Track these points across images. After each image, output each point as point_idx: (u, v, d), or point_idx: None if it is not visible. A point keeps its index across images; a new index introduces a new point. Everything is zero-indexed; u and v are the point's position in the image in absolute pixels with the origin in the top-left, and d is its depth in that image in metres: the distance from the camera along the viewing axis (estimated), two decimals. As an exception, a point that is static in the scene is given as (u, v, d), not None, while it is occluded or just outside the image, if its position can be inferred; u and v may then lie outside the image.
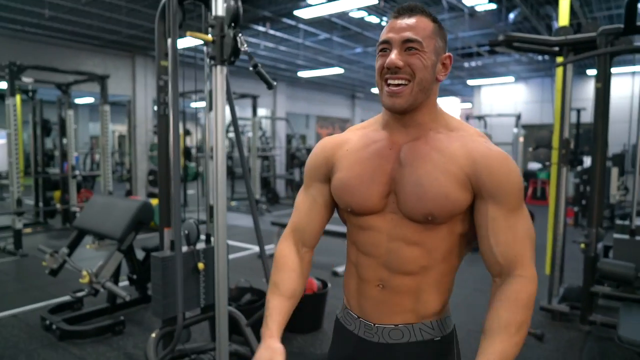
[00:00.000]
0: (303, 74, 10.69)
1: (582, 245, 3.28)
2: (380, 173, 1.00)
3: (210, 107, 2.27)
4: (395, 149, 1.00)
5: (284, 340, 1.01)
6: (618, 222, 3.74)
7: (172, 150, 2.18)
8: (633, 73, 9.12)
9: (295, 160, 11.20)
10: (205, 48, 2.26)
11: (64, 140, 6.67)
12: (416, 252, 0.98)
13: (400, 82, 0.94)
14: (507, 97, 12.11)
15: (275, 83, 2.38)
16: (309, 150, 12.02)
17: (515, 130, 11.13)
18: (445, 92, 14.77)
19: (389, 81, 0.96)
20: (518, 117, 11.17)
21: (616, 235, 3.42)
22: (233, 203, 9.68)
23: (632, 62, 8.24)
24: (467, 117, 12.78)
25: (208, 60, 2.25)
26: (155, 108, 2.54)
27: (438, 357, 1.03)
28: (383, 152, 1.01)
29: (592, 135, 3.32)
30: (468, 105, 15.59)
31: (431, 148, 0.97)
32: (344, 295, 1.14)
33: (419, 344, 1.02)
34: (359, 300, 1.07)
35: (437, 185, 0.94)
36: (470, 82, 12.04)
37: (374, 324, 1.04)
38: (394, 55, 0.94)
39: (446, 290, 1.04)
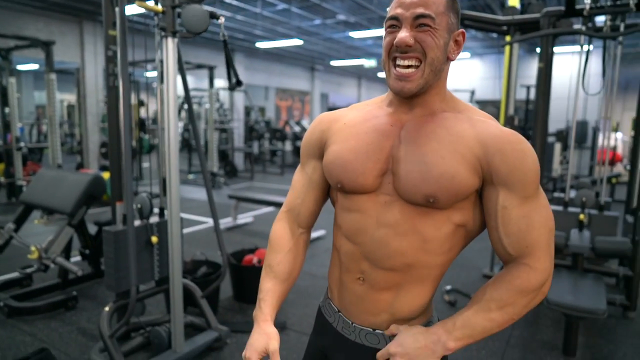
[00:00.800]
0: (261, 45, 10.48)
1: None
2: (377, 149, 0.92)
3: (162, 79, 2.23)
4: (397, 125, 0.93)
5: (240, 310, 1.04)
6: (555, 194, 4.00)
7: (123, 122, 2.14)
8: (577, 52, 9.53)
9: (253, 132, 11.10)
10: (155, 18, 2.20)
11: (6, 110, 6.30)
12: (405, 243, 0.90)
13: (410, 62, 0.86)
14: (462, 73, 12.40)
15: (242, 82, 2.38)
16: (267, 123, 11.93)
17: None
18: (404, 67, 14.93)
19: (398, 61, 0.87)
20: (472, 92, 11.52)
21: (551, 207, 3.66)
22: (190, 176, 9.54)
23: (574, 43, 8.62)
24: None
25: (158, 31, 2.20)
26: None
27: None
28: (383, 128, 0.93)
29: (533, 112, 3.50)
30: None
31: (437, 126, 0.89)
32: (328, 282, 1.09)
33: None
34: (340, 292, 1.02)
35: (443, 165, 0.85)
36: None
37: (352, 323, 0.99)
38: (403, 33, 0.85)
39: (430, 290, 0.95)
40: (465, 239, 0.94)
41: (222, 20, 2.16)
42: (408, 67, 0.87)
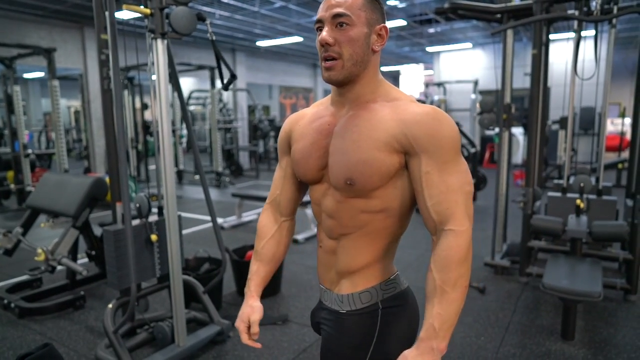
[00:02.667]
0: (262, 43, 10.52)
1: (521, 204, 3.51)
2: (317, 147, 1.07)
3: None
4: (332, 124, 1.06)
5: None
6: (555, 181, 4.00)
7: (117, 124, 2.19)
8: (584, 38, 9.44)
9: (258, 132, 11.15)
10: (145, 20, 2.25)
11: (13, 118, 6.42)
12: (335, 223, 1.06)
13: (332, 56, 0.99)
14: (465, 64, 12.33)
15: (236, 75, 2.42)
16: (271, 122, 11.97)
17: (473, 96, 11.42)
18: (407, 60, 14.86)
19: (324, 55, 1.00)
20: (475, 83, 11.45)
21: (550, 193, 3.67)
22: (197, 177, 9.62)
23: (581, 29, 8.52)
24: (427, 84, 12.98)
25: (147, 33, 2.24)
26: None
27: (385, 320, 1.08)
28: (322, 128, 1.07)
29: (529, 100, 3.50)
30: (430, 72, 15.76)
31: (361, 119, 1.00)
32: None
33: (362, 311, 1.07)
34: (319, 267, 1.17)
35: (359, 152, 0.97)
36: (429, 48, 12.16)
37: (326, 288, 1.14)
38: (324, 33, 0.99)
39: (378, 257, 1.06)
40: (396, 223, 1.05)
41: (208, 22, 2.20)
42: (332, 59, 1.00)
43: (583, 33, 3.45)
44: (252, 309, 1.17)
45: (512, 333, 2.78)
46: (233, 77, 2.46)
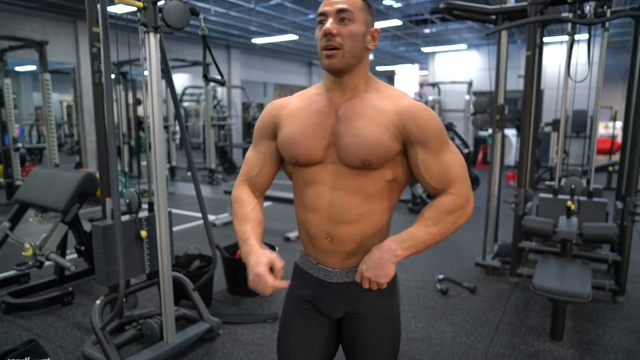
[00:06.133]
0: (257, 40, 10.48)
1: (512, 205, 3.52)
2: (321, 128, 1.14)
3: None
4: (334, 107, 1.14)
5: (234, 302, 1.12)
6: (547, 183, 4.01)
7: (107, 119, 2.17)
8: (577, 41, 9.50)
9: (252, 129, 11.11)
10: (138, 14, 2.22)
11: (3, 111, 6.35)
12: (354, 199, 1.13)
13: (334, 45, 1.08)
14: (460, 65, 12.37)
15: (225, 80, 2.42)
16: (265, 119, 11.92)
17: (467, 97, 11.46)
18: (402, 59, 14.88)
19: (325, 44, 1.09)
20: (470, 84, 11.49)
21: (541, 195, 3.69)
22: (190, 173, 9.58)
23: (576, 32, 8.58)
24: (422, 85, 13.00)
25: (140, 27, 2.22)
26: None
27: (388, 285, 1.21)
28: (323, 110, 1.15)
29: (522, 102, 3.51)
30: (425, 72, 15.79)
31: (365, 105, 1.12)
32: (302, 244, 1.29)
33: None
34: (314, 251, 1.22)
35: (372, 135, 1.09)
36: (424, 49, 12.19)
37: (332, 269, 1.20)
38: (329, 24, 1.08)
39: (384, 235, 1.19)
40: (398, 189, 1.19)
41: (202, 16, 2.18)
42: (334, 48, 1.09)
43: (576, 36, 3.46)
44: (264, 252, 1.11)
45: (502, 333, 2.79)
46: (222, 83, 2.47)
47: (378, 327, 1.21)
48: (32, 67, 11.76)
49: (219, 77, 2.45)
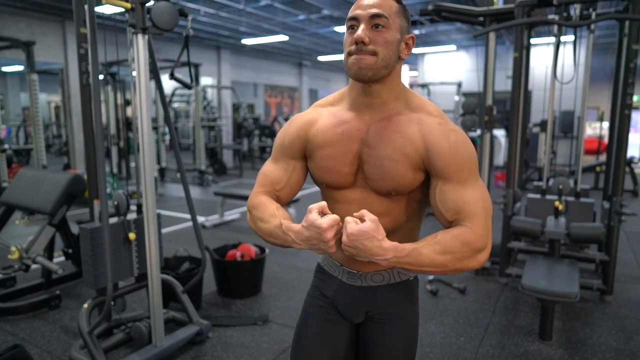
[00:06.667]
0: (247, 41, 10.45)
1: (501, 206, 3.55)
2: (349, 154, 1.08)
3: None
4: (362, 130, 1.07)
5: (224, 305, 1.07)
6: (535, 183, 4.05)
7: (95, 119, 2.15)
8: (564, 43, 9.62)
9: (242, 130, 11.07)
10: (126, 15, 2.20)
11: (-11, 112, 6.26)
12: (383, 219, 1.03)
13: (366, 54, 0.99)
14: (449, 66, 12.44)
15: (193, 83, 2.43)
16: (256, 120, 11.89)
17: (456, 98, 11.52)
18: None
19: (356, 52, 1.00)
20: (459, 85, 11.56)
21: (530, 195, 3.72)
22: (179, 175, 9.52)
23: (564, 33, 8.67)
24: (412, 85, 13.06)
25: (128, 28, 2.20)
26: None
27: (411, 291, 1.21)
28: (351, 134, 1.08)
29: (510, 103, 3.54)
30: (415, 73, 15.88)
31: (393, 131, 1.04)
32: None
33: (399, 283, 1.18)
34: (340, 255, 1.17)
35: (396, 168, 1.03)
36: (414, 50, 12.24)
37: (358, 271, 1.17)
38: (361, 31, 0.98)
39: (414, 239, 1.15)
40: (427, 206, 1.15)
41: (190, 17, 2.17)
42: (366, 53, 0.99)
43: (563, 38, 3.50)
44: (310, 213, 0.98)
45: (492, 333, 2.81)
46: (188, 87, 2.48)
47: (397, 334, 1.18)
48: (20, 68, 11.61)
49: (187, 81, 2.46)
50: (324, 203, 1.01)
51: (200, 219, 5.56)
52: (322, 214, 0.98)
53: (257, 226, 1.14)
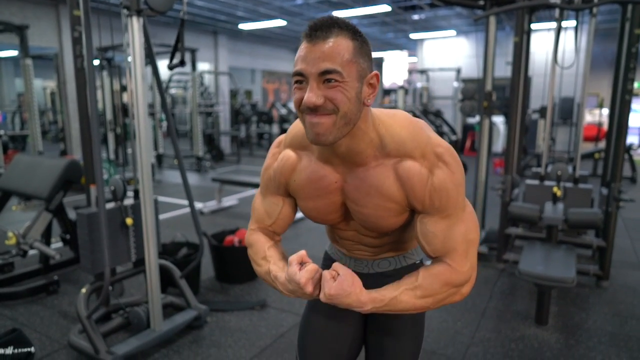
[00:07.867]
0: (244, 26, 10.33)
1: (499, 192, 3.55)
2: (332, 205, 1.06)
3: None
4: (339, 180, 1.02)
5: (222, 290, 1.08)
6: (534, 169, 4.04)
7: (90, 104, 2.12)
8: (565, 28, 9.53)
9: (240, 116, 11.01)
10: (120, -3, 2.16)
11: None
12: (382, 240, 1.13)
13: (321, 119, 0.87)
14: (448, 51, 12.34)
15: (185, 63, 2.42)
16: (253, 106, 11.82)
17: (455, 84, 11.47)
18: (390, 46, 14.80)
19: (309, 118, 0.88)
20: (458, 71, 11.49)
21: (528, 181, 3.72)
22: (176, 161, 9.48)
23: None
24: (411, 71, 12.97)
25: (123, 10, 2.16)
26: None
27: None
28: (330, 188, 1.03)
29: (510, 88, 3.52)
30: (414, 59, 15.76)
31: (370, 185, 0.98)
32: (330, 239, 1.28)
33: (405, 268, 1.19)
34: (346, 247, 1.21)
35: (382, 219, 1.01)
36: (413, 35, 12.12)
37: (363, 259, 1.20)
38: (311, 93, 0.85)
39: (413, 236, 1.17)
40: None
41: (185, 0, 2.13)
42: (322, 114, 0.87)
43: (564, 23, 3.46)
44: (291, 265, 0.98)
45: (488, 318, 2.83)
46: (182, 63, 2.46)
47: (403, 325, 1.19)
48: (14, 53, 11.47)
49: (177, 62, 2.44)
50: (302, 253, 0.98)
51: (198, 205, 5.55)
52: (303, 262, 0.97)
53: (253, 265, 1.18)
